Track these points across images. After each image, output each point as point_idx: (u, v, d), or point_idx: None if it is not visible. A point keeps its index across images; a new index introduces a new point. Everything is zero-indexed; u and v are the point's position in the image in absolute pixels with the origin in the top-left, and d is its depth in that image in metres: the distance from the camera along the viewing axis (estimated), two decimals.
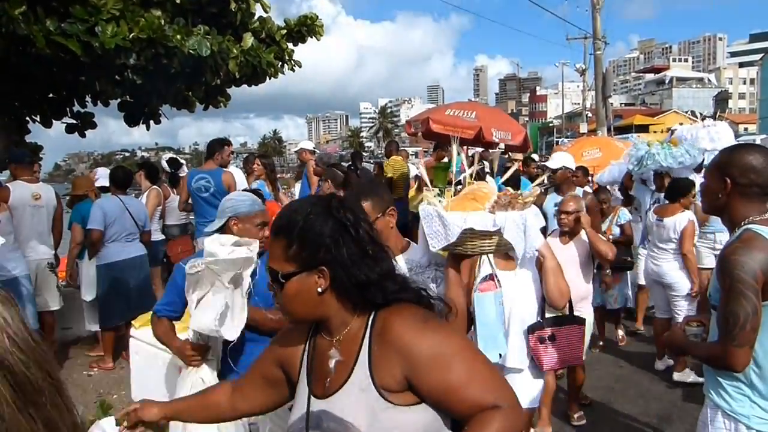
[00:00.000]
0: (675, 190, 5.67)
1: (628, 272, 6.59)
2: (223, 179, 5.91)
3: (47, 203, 5.67)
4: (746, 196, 2.19)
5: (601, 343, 6.29)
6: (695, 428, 2.45)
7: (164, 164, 7.94)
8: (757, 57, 74.33)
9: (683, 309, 5.40)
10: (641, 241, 6.51)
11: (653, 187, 6.93)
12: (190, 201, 6.29)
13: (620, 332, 6.60)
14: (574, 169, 7.43)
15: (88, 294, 6.00)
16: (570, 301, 3.45)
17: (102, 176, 6.78)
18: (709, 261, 5.88)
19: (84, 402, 5.03)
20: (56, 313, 5.87)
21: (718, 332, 2.15)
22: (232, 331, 2.65)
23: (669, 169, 6.55)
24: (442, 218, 2.11)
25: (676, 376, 5.36)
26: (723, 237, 5.54)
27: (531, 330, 3.34)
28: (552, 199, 6.14)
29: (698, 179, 6.63)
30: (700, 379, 5.27)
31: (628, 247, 6.43)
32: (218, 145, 6.31)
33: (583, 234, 4.41)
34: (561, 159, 5.78)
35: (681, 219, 5.42)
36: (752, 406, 2.14)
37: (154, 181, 7.07)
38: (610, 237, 6.01)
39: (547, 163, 5.53)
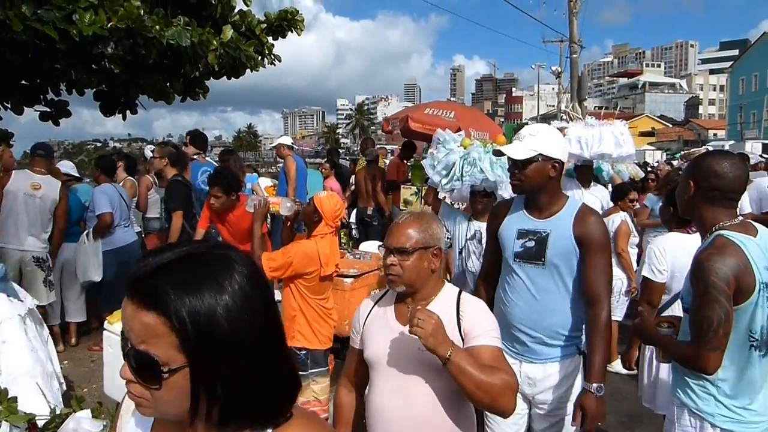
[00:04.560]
0: (616, 193, 6.11)
1: None
2: None
3: (45, 195, 5.65)
4: (709, 200, 2.26)
5: None
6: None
7: (150, 155, 7.89)
8: (727, 64, 75.98)
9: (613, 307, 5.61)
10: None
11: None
12: None
13: None
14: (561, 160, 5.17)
15: (97, 275, 6.01)
16: None
17: (65, 168, 6.77)
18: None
19: None
20: (47, 308, 5.80)
21: (690, 334, 2.21)
22: None
23: (494, 185, 4.42)
24: None
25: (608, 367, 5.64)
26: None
27: None
28: (512, 225, 2.85)
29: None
30: (633, 372, 5.43)
31: None
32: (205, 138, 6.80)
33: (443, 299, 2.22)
34: (535, 140, 2.70)
35: (615, 219, 5.76)
36: (717, 405, 2.21)
37: (131, 173, 7.15)
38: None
39: (505, 149, 2.77)
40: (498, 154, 2.87)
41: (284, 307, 4.04)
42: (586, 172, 6.29)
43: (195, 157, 6.74)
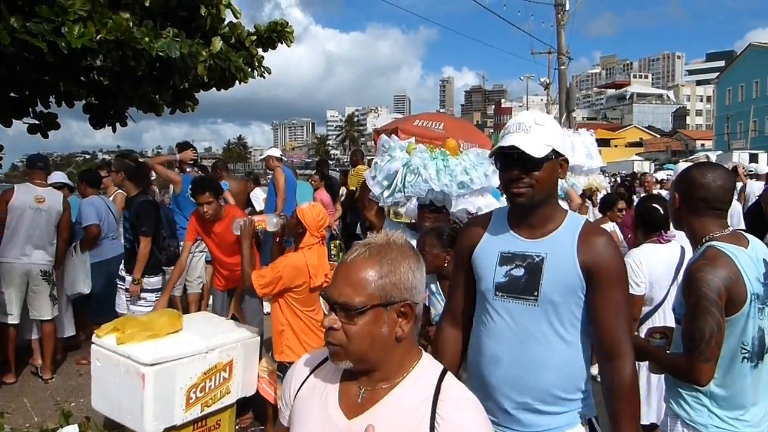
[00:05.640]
0: (604, 204, 6.19)
1: None
2: None
3: (50, 208, 5.63)
4: (695, 211, 2.29)
5: None
6: None
7: None
8: (713, 75, 76.90)
9: None
10: None
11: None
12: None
13: None
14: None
15: (85, 287, 6.05)
16: None
17: (56, 178, 6.77)
18: None
19: (40, 410, 4.90)
20: (55, 321, 5.77)
21: (682, 346, 2.22)
22: None
23: (444, 197, 3.90)
24: None
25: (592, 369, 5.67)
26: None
27: None
28: (492, 247, 2.13)
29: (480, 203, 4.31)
30: None
31: None
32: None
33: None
34: (545, 130, 1.99)
35: None
36: (710, 416, 2.21)
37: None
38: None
39: (520, 144, 1.93)
40: (497, 154, 2.04)
41: (273, 322, 4.03)
42: None
43: (188, 170, 6.74)
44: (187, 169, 6.74)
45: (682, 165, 5.86)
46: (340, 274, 1.44)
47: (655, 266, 3.53)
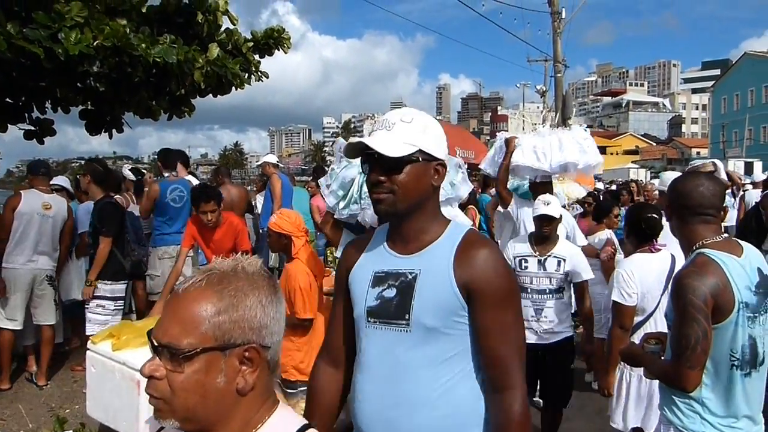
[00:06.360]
0: (599, 211, 6.33)
1: None
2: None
3: (56, 214, 5.66)
4: (682, 219, 2.34)
5: None
6: None
7: (128, 173, 7.92)
8: (709, 84, 77.30)
9: (598, 323, 5.19)
10: None
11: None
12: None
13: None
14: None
15: (79, 294, 5.99)
16: None
17: (58, 181, 6.78)
18: None
19: (35, 416, 4.89)
20: (55, 326, 5.77)
21: (671, 352, 2.23)
22: None
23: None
24: None
25: (588, 377, 5.87)
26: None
27: None
28: (367, 266, 1.86)
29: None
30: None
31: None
32: (182, 155, 6.78)
33: None
34: (411, 128, 1.71)
35: (601, 237, 5.97)
36: (702, 423, 2.21)
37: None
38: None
39: (371, 142, 1.68)
40: (358, 150, 1.75)
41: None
42: (545, 190, 5.03)
43: (166, 175, 6.72)
44: (166, 174, 6.71)
45: (670, 174, 5.77)
46: (169, 308, 1.17)
47: (647, 275, 3.54)
